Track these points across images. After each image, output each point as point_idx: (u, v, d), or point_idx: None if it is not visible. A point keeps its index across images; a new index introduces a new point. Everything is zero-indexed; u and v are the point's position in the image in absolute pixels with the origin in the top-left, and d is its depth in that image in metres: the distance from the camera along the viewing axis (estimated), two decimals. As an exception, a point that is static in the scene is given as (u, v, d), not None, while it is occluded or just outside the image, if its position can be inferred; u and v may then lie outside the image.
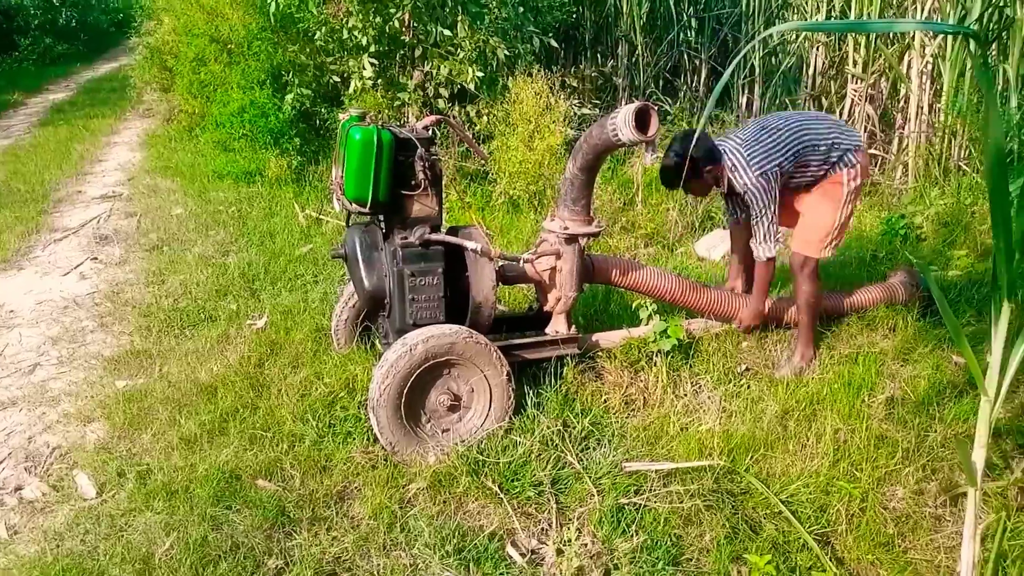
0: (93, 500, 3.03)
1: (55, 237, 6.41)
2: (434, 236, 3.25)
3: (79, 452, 3.33)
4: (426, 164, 3.19)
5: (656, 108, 2.98)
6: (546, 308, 3.65)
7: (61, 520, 2.92)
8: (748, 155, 3.54)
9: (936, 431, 3.19)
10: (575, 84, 8.13)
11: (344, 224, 3.62)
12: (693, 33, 9.24)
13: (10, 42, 18.11)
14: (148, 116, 11.94)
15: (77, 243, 6.28)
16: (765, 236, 3.61)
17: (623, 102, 8.70)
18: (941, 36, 6.23)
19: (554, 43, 8.03)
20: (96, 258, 5.89)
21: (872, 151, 7.06)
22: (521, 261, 3.53)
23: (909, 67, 6.66)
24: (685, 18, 9.17)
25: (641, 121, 2.94)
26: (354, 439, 3.28)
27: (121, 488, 3.06)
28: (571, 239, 3.45)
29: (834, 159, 3.61)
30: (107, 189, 7.97)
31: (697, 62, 9.05)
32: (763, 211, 3.57)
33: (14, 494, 3.13)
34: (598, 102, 8.51)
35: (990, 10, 6.01)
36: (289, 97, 7.44)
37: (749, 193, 3.55)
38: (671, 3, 8.77)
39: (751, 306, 3.83)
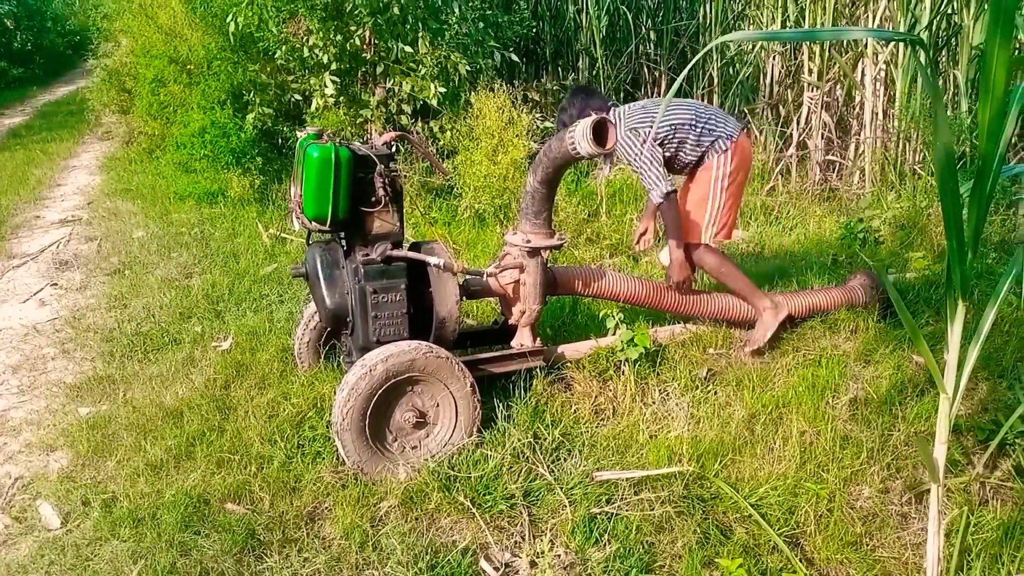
0: (58, 530, 2.97)
1: (13, 264, 6.30)
2: (396, 252, 3.24)
3: (42, 482, 3.27)
4: (386, 180, 3.18)
5: (613, 122, 3.01)
6: (511, 321, 3.66)
7: (25, 552, 2.87)
8: (625, 116, 3.81)
9: (899, 430, 3.24)
10: (537, 98, 8.18)
11: (305, 243, 3.61)
12: (652, 45, 9.35)
13: (-37, 67, 17.85)
14: (107, 139, 11.81)
15: (36, 269, 6.18)
16: (651, 182, 3.72)
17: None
18: (893, 43, 6.37)
19: (515, 58, 8.09)
20: (56, 284, 5.80)
21: (829, 157, 7.19)
22: (485, 275, 3.54)
23: (863, 74, 6.80)
24: (644, 31, 9.28)
25: (599, 134, 2.97)
26: (323, 459, 3.25)
27: (86, 517, 3.01)
28: (534, 252, 3.47)
29: (706, 144, 3.84)
30: (66, 213, 7.86)
31: (657, 73, 9.16)
32: (636, 159, 3.72)
33: (-25, 527, 3.06)
34: (560, 115, 8.56)
35: (938, 17, 6.17)
36: (250, 117, 7.40)
37: (621, 148, 3.70)
38: (630, 17, 8.88)
39: (671, 257, 3.91)
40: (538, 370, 3.60)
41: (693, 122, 3.82)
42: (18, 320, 5.13)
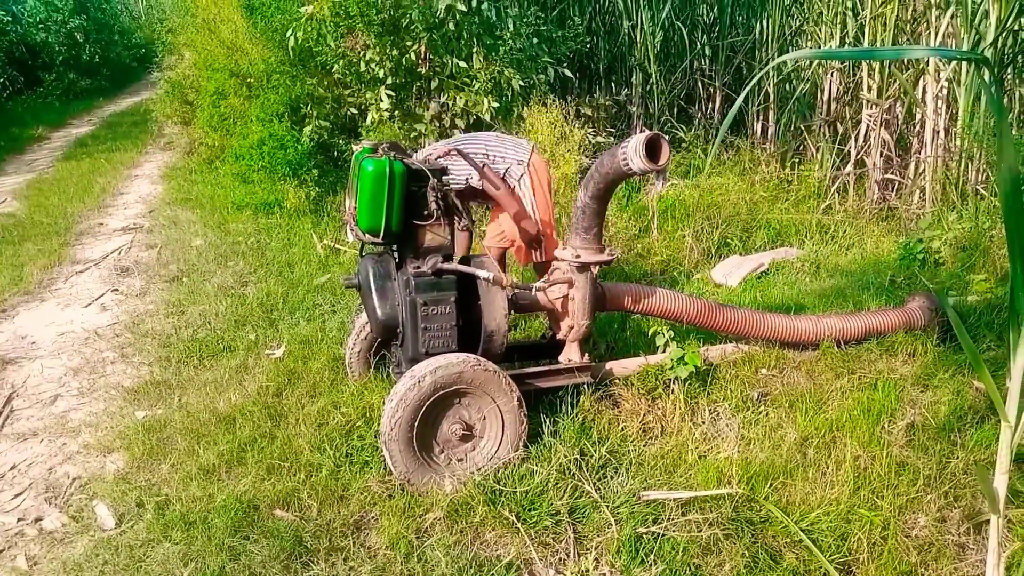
0: (112, 531, 3.05)
1: (77, 269, 6.50)
2: (446, 265, 3.27)
3: (99, 483, 3.35)
4: (438, 194, 3.22)
5: (667, 137, 3.00)
6: (559, 336, 3.65)
7: (80, 551, 2.94)
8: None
9: (958, 457, 3.15)
10: (589, 113, 8.19)
11: (358, 254, 3.66)
12: (707, 61, 9.30)
13: (35, 78, 18.49)
14: (169, 149, 12.12)
15: (98, 275, 6.36)
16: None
17: (637, 130, 8.75)
18: (956, 60, 6.23)
19: (568, 73, 8.10)
20: (117, 289, 5.97)
21: (888, 176, 7.05)
22: (533, 289, 3.54)
23: (924, 92, 6.66)
24: (699, 46, 9.23)
25: (651, 150, 2.96)
26: (371, 468, 3.28)
27: (140, 519, 3.08)
28: (583, 267, 3.46)
29: (500, 172, 4.23)
30: (128, 221, 8.08)
31: (711, 89, 9.09)
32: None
33: (34, 525, 3.15)
34: (612, 130, 8.56)
35: (1004, 34, 6.01)
36: (307, 129, 7.53)
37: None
38: (685, 32, 8.84)
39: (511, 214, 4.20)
40: (585, 386, 3.59)
41: (484, 155, 4.26)
42: (80, 324, 5.28)
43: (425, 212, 3.23)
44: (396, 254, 3.38)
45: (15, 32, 18.13)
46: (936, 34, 6.48)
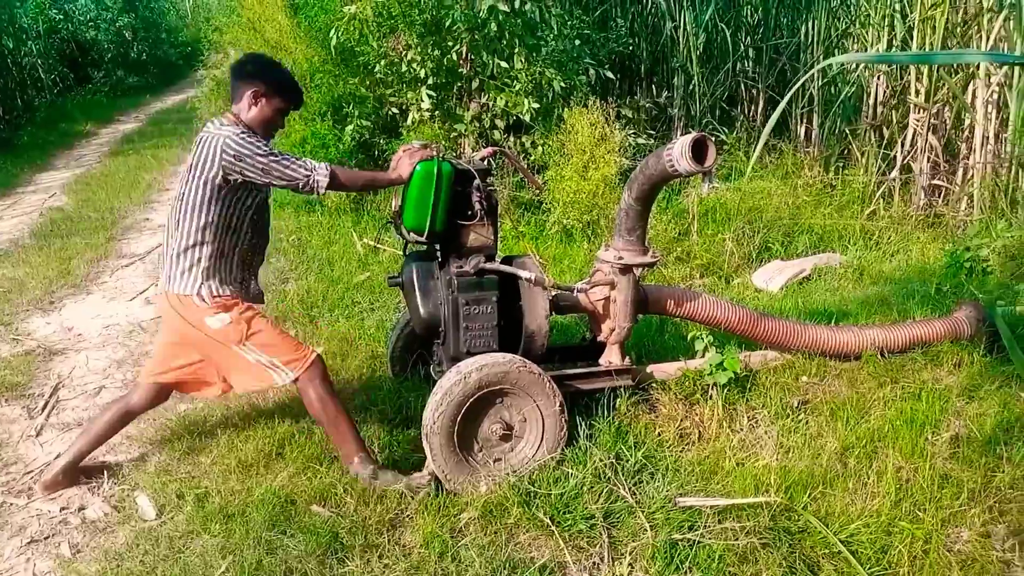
0: (153, 521, 3.10)
1: (122, 263, 6.63)
2: (489, 265, 3.27)
3: (141, 474, 3.41)
4: (482, 195, 3.24)
5: (713, 139, 2.97)
6: (600, 338, 3.63)
7: (122, 540, 3.00)
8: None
9: (1004, 471, 3.07)
10: (630, 114, 8.14)
11: (401, 253, 3.68)
12: (750, 63, 9.19)
13: (84, 75, 18.88)
14: (213, 146, 12.26)
15: (143, 269, 6.48)
16: (297, 172, 3.06)
17: (678, 132, 8.69)
18: (1008, 65, 6.09)
19: (610, 74, 8.06)
20: (161, 284, 6.06)
21: (935, 182, 6.91)
22: (575, 291, 3.53)
23: (974, 96, 6.52)
24: (742, 48, 9.14)
25: (698, 152, 2.94)
26: (408, 466, 3.30)
27: (180, 510, 3.13)
28: (626, 269, 3.44)
29: None
30: (173, 217, 8.20)
31: (754, 92, 8.99)
32: (261, 157, 3.04)
33: (78, 514, 3.22)
34: (653, 132, 8.49)
35: (1059, 38, 5.87)
36: (349, 128, 7.59)
37: (234, 148, 3.03)
38: (728, 34, 8.75)
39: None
40: (622, 390, 3.57)
41: None
42: (124, 317, 5.38)
43: (469, 212, 3.25)
44: (439, 253, 3.40)
45: (66, 30, 18.52)
46: (988, 37, 6.34)
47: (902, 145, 7.07)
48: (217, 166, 3.00)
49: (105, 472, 3.44)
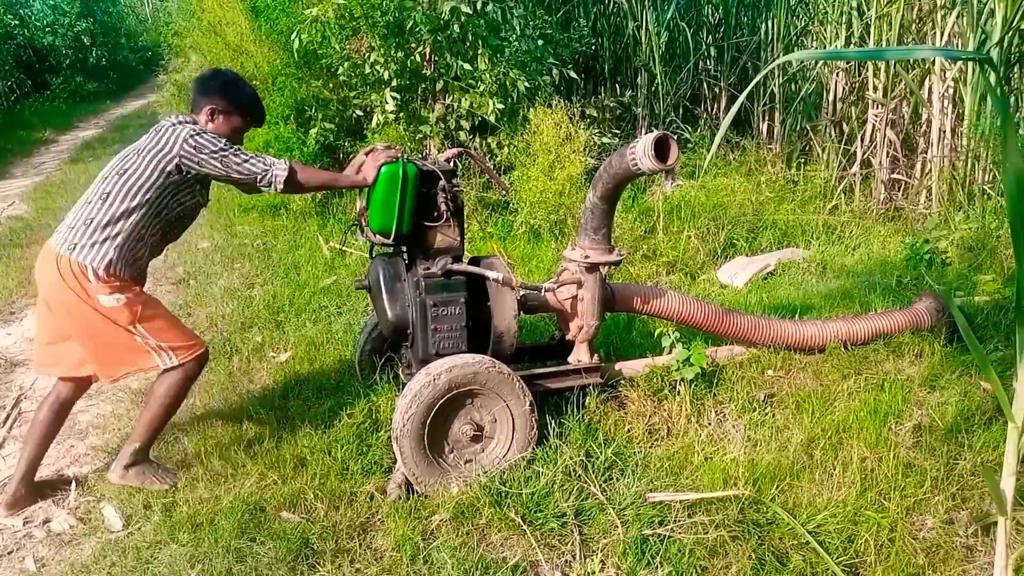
0: (120, 532, 3.06)
1: (84, 271, 6.50)
2: (456, 266, 3.28)
3: (106, 485, 3.36)
4: (448, 196, 3.24)
5: (675, 137, 3.00)
6: (568, 337, 3.65)
7: (88, 553, 2.95)
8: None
9: (965, 459, 3.14)
10: (595, 114, 8.18)
11: (367, 255, 3.66)
12: (712, 62, 9.29)
13: (42, 81, 18.53)
14: (175, 151, 12.11)
15: (105, 277, 6.36)
16: (256, 168, 3.12)
17: (643, 131, 8.74)
18: (961, 60, 6.22)
19: (573, 74, 8.10)
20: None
21: (895, 176, 7.03)
22: (543, 290, 3.54)
23: (930, 91, 6.65)
24: (704, 47, 9.23)
25: (661, 150, 2.96)
26: (378, 470, 3.28)
27: (147, 520, 3.08)
28: (592, 267, 3.46)
29: None
30: (135, 224, 8.08)
31: (717, 90, 9.08)
32: (223, 155, 3.07)
33: (42, 527, 3.16)
34: (618, 131, 8.55)
35: (1010, 33, 5.99)
36: (313, 131, 7.54)
37: (194, 146, 3.03)
38: (689, 33, 8.84)
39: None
40: (591, 388, 3.58)
41: None
42: (87, 326, 5.28)
43: (435, 213, 3.25)
44: (406, 255, 3.39)
45: (22, 35, 18.17)
46: (942, 34, 6.46)
47: (862, 140, 7.19)
48: (175, 154, 3.00)
49: (72, 484, 3.39)
